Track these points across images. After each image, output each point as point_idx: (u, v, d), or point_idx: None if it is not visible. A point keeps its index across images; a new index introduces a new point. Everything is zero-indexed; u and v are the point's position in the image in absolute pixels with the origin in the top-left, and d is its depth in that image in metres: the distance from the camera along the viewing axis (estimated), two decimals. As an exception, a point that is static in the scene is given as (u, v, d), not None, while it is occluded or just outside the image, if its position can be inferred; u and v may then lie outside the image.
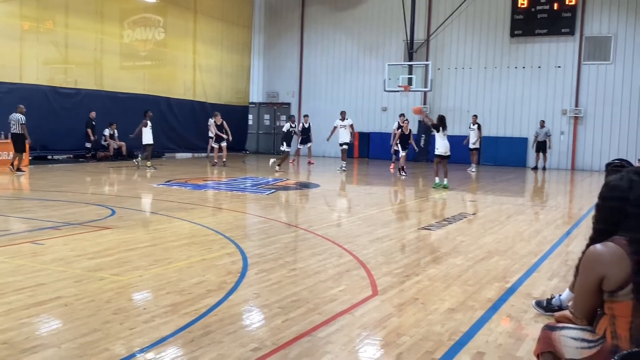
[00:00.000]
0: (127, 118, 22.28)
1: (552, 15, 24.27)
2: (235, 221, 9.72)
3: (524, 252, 7.73)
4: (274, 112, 30.27)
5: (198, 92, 26.76)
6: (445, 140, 15.09)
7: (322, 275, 6.15)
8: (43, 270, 5.97)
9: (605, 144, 23.94)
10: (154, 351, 3.99)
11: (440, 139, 15.08)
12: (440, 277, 6.21)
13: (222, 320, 4.64)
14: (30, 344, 4.03)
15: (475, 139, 21.33)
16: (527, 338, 4.46)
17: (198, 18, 26.35)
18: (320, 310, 4.95)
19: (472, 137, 21.37)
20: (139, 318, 4.63)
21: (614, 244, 2.82)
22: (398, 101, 27.16)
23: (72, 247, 7.14)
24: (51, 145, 19.91)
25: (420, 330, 4.56)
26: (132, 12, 23.72)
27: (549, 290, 5.75)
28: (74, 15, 20.97)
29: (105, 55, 22.37)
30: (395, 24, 26.55)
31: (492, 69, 25.63)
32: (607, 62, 23.80)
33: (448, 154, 15.16)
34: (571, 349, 2.87)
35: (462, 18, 25.46)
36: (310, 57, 29.36)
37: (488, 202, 13.46)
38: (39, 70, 20.06)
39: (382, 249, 7.62)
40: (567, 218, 11.44)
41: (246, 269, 6.28)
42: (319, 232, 8.64)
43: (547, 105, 24.74)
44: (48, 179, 15.47)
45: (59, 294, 5.19)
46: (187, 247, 7.41)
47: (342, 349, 4.13)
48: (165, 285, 5.56)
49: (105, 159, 21.47)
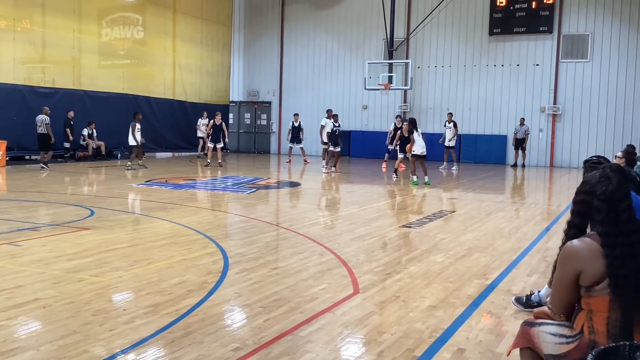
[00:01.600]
0: (106, 117, 22.11)
1: (531, 14, 24.50)
2: (216, 220, 9.68)
3: (504, 248, 7.80)
4: (255, 111, 30.18)
5: (178, 91, 26.60)
6: (421, 139, 15.43)
7: (303, 274, 6.15)
8: (21, 272, 5.90)
9: (583, 141, 24.22)
10: (135, 352, 3.97)
11: (416, 139, 15.35)
12: (421, 275, 6.24)
13: (203, 320, 4.62)
14: (8, 347, 3.98)
15: (450, 137, 21.49)
16: (507, 334, 4.50)
17: (177, 16, 26.18)
18: (302, 309, 4.95)
19: (447, 135, 21.46)
20: (119, 319, 4.59)
21: (591, 239, 2.86)
22: (379, 99, 27.25)
23: (51, 248, 7.06)
24: (29, 145, 19.66)
25: (402, 327, 4.58)
26: (110, 11, 23.47)
27: (529, 287, 5.81)
28: (51, 14, 20.70)
29: (83, 54, 22.11)
30: (375, 22, 26.60)
31: (471, 67, 25.80)
32: (585, 60, 24.08)
33: (424, 153, 15.66)
34: (549, 345, 2.91)
35: (442, 16, 25.58)
36: (291, 56, 29.32)
37: (468, 199, 13.55)
38: (15, 70, 19.77)
39: (363, 247, 7.64)
40: (546, 215, 11.57)
41: (227, 269, 6.26)
42: (300, 230, 8.64)
43: (525, 102, 24.97)
44: (25, 179, 15.28)
45: (37, 295, 5.13)
46: (167, 247, 7.37)
47: (323, 348, 4.14)
48: (146, 286, 5.53)
49: (84, 158, 21.25)
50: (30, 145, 19.59)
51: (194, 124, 25.51)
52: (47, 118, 17.63)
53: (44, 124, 17.57)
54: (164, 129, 25.39)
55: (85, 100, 21.78)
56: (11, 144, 18.84)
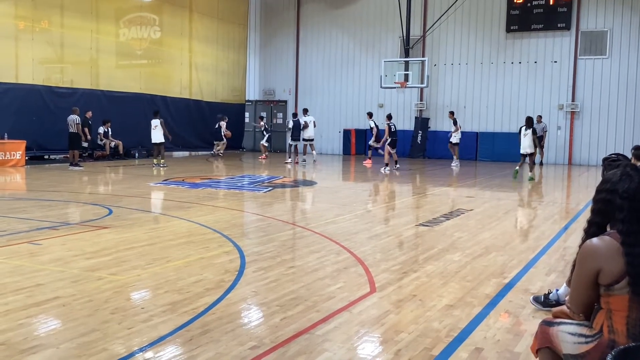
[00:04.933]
0: (123, 117, 22.28)
1: (548, 10, 24.28)
2: (232, 219, 9.71)
3: (522, 247, 7.75)
4: (271, 110, 30.25)
5: (194, 91, 26.72)
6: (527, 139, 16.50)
7: (320, 272, 6.15)
8: (41, 270, 5.97)
9: (602, 138, 23.97)
10: (153, 350, 3.99)
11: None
12: (438, 274, 6.22)
13: (220, 318, 4.64)
14: (28, 345, 4.02)
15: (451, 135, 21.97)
16: (525, 334, 4.47)
17: (194, 16, 26.30)
18: (319, 308, 4.95)
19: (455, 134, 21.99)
20: (137, 317, 4.63)
21: (610, 237, 2.83)
22: (394, 98, 27.17)
23: (70, 247, 7.13)
24: (48, 145, 19.87)
25: (419, 327, 4.57)
26: (127, 11, 23.66)
27: (547, 286, 5.76)
28: (70, 15, 20.91)
29: (101, 54, 22.31)
30: (391, 20, 26.53)
31: (488, 65, 25.64)
32: (603, 56, 23.82)
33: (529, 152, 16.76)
34: (568, 344, 2.88)
35: (458, 14, 25.44)
36: (307, 54, 29.34)
37: (485, 197, 13.47)
38: (34, 70, 19.99)
39: (380, 246, 7.63)
40: (565, 213, 11.46)
41: (244, 267, 6.28)
42: (316, 229, 8.65)
43: (543, 100, 24.76)
44: (45, 178, 15.45)
45: (57, 294, 5.19)
46: (184, 245, 7.41)
47: (340, 347, 4.14)
48: (163, 284, 5.56)
49: (102, 158, 21.44)
50: (49, 145, 19.82)
51: (210, 123, 25.65)
52: (77, 118, 18.13)
53: (75, 123, 18.00)
54: (181, 128, 25.51)
55: (102, 100, 21.97)
56: (30, 143, 19.05)
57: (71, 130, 18.09)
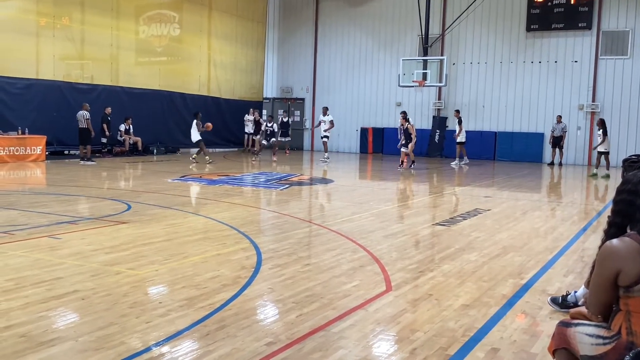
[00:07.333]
0: (142, 114, 22.45)
1: (569, 10, 24.04)
2: (249, 216, 9.75)
3: (540, 248, 7.69)
4: (288, 107, 30.28)
5: (212, 88, 26.83)
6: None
7: (336, 270, 6.16)
8: (60, 264, 6.04)
9: (622, 139, 23.67)
10: (170, 345, 4.03)
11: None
12: (454, 273, 6.20)
13: (236, 314, 4.67)
14: (47, 337, 4.08)
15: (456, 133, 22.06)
16: (542, 334, 4.45)
17: (213, 14, 26.40)
18: (334, 306, 4.96)
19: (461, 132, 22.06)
20: (155, 312, 4.67)
21: (630, 239, 2.81)
22: (412, 96, 27.08)
23: (89, 241, 7.21)
24: (68, 140, 20.07)
25: (434, 326, 4.56)
26: (147, 8, 23.84)
27: (565, 287, 5.72)
28: (90, 12, 21.12)
29: (121, 51, 22.51)
30: (410, 18, 26.44)
31: (507, 64, 25.45)
32: (625, 56, 23.54)
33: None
34: (586, 346, 2.87)
35: (478, 12, 25.27)
36: (325, 52, 29.33)
37: (503, 197, 13.39)
38: (55, 66, 20.22)
39: (396, 245, 7.62)
40: (583, 214, 11.36)
41: (260, 264, 6.31)
42: (333, 227, 8.66)
43: (563, 100, 24.53)
44: (64, 173, 15.61)
45: (76, 287, 5.25)
46: (201, 241, 7.46)
47: (355, 344, 4.14)
48: (181, 280, 5.60)
49: (121, 154, 21.62)
50: (69, 140, 20.01)
51: (228, 121, 25.71)
52: (87, 113, 18.24)
53: (84, 119, 18.16)
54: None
55: (122, 96, 22.15)
56: (51, 139, 19.30)
57: (81, 126, 18.31)
